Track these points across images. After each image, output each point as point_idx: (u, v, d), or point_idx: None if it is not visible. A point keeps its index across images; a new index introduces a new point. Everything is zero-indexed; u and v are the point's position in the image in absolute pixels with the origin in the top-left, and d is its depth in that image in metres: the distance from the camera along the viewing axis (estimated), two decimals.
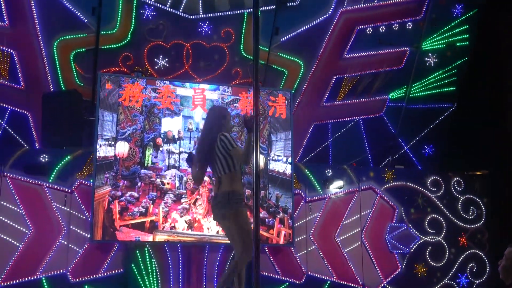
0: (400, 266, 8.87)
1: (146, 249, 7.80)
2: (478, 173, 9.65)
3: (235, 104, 8.29)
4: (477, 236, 9.39)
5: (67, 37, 8.29)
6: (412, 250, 8.97)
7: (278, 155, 8.39)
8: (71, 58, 8.32)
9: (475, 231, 9.39)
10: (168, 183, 7.90)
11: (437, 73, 9.80)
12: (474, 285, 9.15)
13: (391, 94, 9.69)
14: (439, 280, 9.03)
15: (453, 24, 9.69)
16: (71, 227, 7.61)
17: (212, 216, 5.40)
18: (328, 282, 8.47)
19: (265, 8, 8.67)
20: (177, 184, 7.95)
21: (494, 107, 9.60)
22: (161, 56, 8.67)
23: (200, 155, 5.38)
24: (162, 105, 8.03)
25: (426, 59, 9.71)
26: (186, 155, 5.70)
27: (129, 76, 8.17)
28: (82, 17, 8.27)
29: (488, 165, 9.56)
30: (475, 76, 9.68)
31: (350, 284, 8.56)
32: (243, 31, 8.92)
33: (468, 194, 9.45)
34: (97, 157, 7.63)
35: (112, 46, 8.50)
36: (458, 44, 9.70)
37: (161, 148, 7.97)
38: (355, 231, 8.73)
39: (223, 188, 5.19)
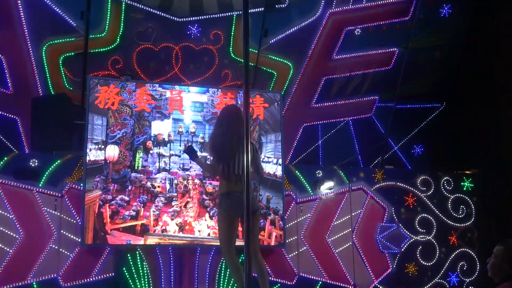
0: (391, 266, 8.91)
1: (137, 252, 7.80)
2: (468, 172, 9.71)
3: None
4: (467, 234, 9.45)
5: (55, 41, 8.28)
6: (402, 249, 9.01)
7: (268, 157, 8.41)
8: (60, 62, 8.31)
9: (465, 229, 9.45)
10: (158, 186, 7.91)
11: (425, 73, 9.84)
12: (465, 283, 9.21)
13: (380, 95, 9.72)
14: (430, 279, 9.08)
15: (441, 23, 9.76)
16: (62, 231, 7.59)
17: (232, 210, 5.34)
18: (320, 282, 8.50)
19: (254, 10, 8.70)
20: (167, 187, 7.95)
21: (483, 106, 9.65)
22: (150, 59, 8.67)
23: (226, 151, 5.39)
24: (138, 108, 7.98)
25: (414, 59, 9.76)
26: (186, 148, 5.74)
27: (118, 79, 8.16)
28: (70, 21, 8.26)
29: (477, 164, 9.62)
30: (463, 75, 9.73)
31: (341, 284, 8.59)
32: (232, 33, 8.94)
33: (458, 193, 9.51)
34: (87, 161, 7.62)
35: (101, 49, 8.49)
36: (447, 43, 9.78)
37: (151, 151, 7.97)
38: (346, 231, 8.77)
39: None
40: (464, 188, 9.58)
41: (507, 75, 9.50)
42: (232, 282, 8.00)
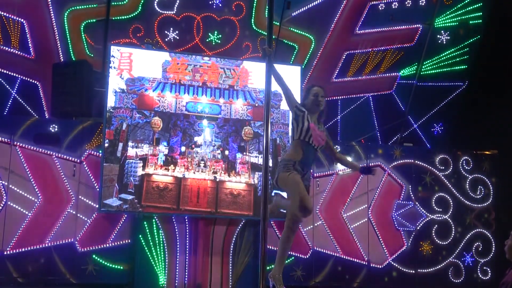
0: (406, 244, 8.89)
1: (153, 220, 7.86)
2: (487, 152, 9.60)
3: None
4: (484, 215, 9.38)
5: (78, 7, 8.27)
6: (418, 227, 8.98)
7: None
8: (82, 28, 8.30)
9: (482, 210, 9.38)
10: None
11: (449, 51, 9.71)
12: (479, 264, 9.17)
13: (402, 71, 9.62)
14: (444, 258, 9.05)
15: (466, 1, 9.61)
16: (80, 197, 7.67)
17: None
18: (334, 257, 8.51)
19: None
20: None
21: (505, 86, 9.50)
22: (171, 28, 8.63)
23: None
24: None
25: (438, 36, 9.63)
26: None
27: (139, 48, 8.15)
28: None
29: (497, 144, 9.51)
30: (487, 54, 9.58)
31: (355, 260, 8.60)
32: (255, 4, 8.85)
33: (477, 173, 9.42)
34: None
35: (123, 17, 8.47)
36: (471, 22, 9.62)
37: None
38: (362, 207, 8.75)
39: None
40: (483, 169, 9.48)
41: None
42: (246, 253, 8.06)
